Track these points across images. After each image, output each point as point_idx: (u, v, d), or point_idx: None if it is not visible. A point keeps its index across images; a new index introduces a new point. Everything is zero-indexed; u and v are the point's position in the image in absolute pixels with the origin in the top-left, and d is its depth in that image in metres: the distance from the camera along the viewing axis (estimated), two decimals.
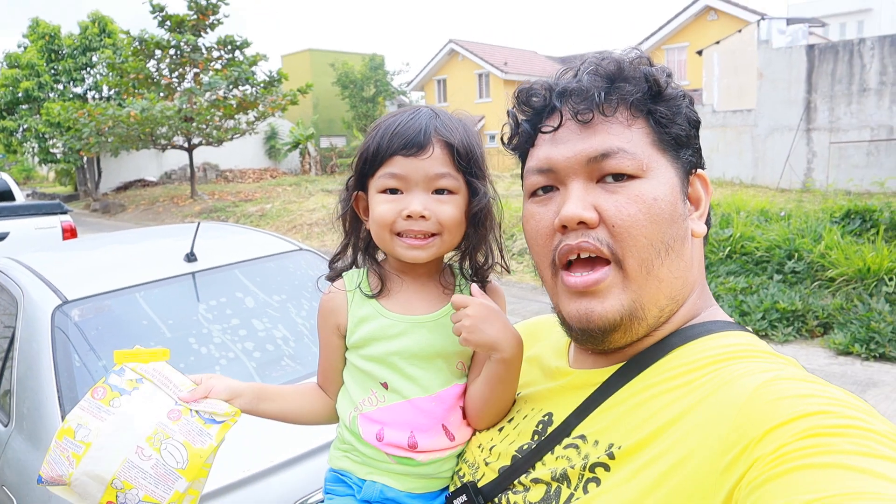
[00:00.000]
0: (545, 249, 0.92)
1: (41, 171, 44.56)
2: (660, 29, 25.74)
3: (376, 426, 1.08)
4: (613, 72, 0.89)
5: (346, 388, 1.14)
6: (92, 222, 20.51)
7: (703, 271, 0.96)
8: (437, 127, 1.06)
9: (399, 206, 1.04)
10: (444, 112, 1.11)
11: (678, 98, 0.90)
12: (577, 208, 0.85)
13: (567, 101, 0.90)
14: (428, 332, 1.08)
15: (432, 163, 1.04)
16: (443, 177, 1.04)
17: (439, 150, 1.05)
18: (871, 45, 13.83)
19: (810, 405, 0.66)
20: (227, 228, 3.65)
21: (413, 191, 1.05)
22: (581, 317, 0.88)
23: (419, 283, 1.13)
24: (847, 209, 8.32)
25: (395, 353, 1.08)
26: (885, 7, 35.15)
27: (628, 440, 0.79)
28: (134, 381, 1.02)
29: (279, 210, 17.34)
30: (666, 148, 0.89)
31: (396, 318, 1.09)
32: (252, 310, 2.63)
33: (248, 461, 1.79)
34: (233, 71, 21.59)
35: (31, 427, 2.10)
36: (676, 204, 0.88)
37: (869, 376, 5.30)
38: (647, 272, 0.85)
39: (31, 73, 27.08)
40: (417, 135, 1.04)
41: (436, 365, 1.09)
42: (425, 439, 1.07)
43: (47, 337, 2.21)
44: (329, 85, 35.44)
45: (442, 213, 1.05)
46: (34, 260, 2.77)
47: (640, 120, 0.88)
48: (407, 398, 1.08)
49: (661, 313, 0.88)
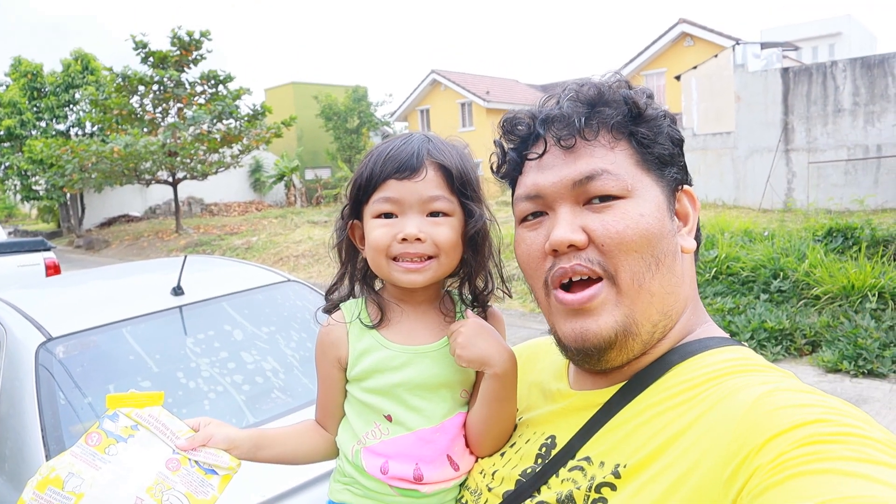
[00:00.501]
0: (538, 272, 0.93)
1: (23, 208, 44.14)
2: (638, 55, 26.23)
3: (380, 459, 1.06)
4: (593, 97, 0.92)
5: (348, 420, 1.12)
6: (76, 259, 20.30)
7: (694, 287, 0.97)
8: (430, 150, 1.07)
9: (394, 229, 1.04)
10: (437, 136, 1.12)
11: (659, 118, 0.92)
12: (566, 232, 0.87)
13: (550, 127, 0.92)
14: (431, 362, 1.07)
15: (426, 185, 1.04)
16: (437, 199, 1.04)
17: (432, 172, 1.05)
18: (844, 68, 14.17)
19: (808, 414, 0.67)
20: (213, 261, 3.62)
21: (407, 214, 1.04)
22: (577, 336, 0.88)
23: (420, 311, 1.12)
24: (829, 227, 8.43)
25: (398, 385, 1.06)
26: (854, 31, 36.11)
27: (633, 459, 0.79)
28: (129, 428, 0.97)
29: (265, 242, 17.27)
30: (650, 167, 0.91)
31: (399, 349, 1.08)
32: (240, 342, 2.60)
33: (246, 493, 1.75)
34: (216, 105, 21.66)
35: (12, 468, 2.04)
36: (664, 220, 0.89)
37: (859, 393, 5.32)
38: (638, 286, 0.86)
39: (13, 111, 26.98)
40: (410, 158, 1.05)
41: (440, 395, 1.07)
42: (430, 471, 1.05)
43: (31, 375, 2.17)
44: (313, 117, 35.61)
45: (437, 235, 1.04)
46: (17, 296, 2.73)
47: (622, 142, 0.91)
48: (412, 430, 1.06)
49: (655, 329, 0.89)
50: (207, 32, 21.90)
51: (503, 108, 31.76)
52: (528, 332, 7.82)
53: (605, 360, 0.90)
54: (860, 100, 13.93)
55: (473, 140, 31.94)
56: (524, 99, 33.58)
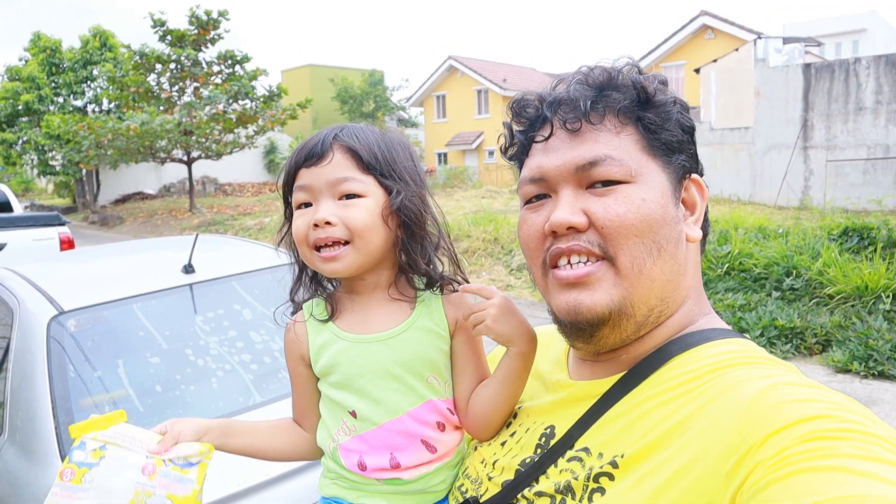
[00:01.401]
0: (537, 252, 0.94)
1: (40, 183, 44.60)
2: (657, 47, 25.95)
3: (355, 455, 1.07)
4: (602, 81, 0.91)
5: (323, 419, 1.13)
6: (90, 234, 20.49)
7: (699, 278, 0.97)
8: (338, 135, 1.07)
9: (308, 217, 1.04)
10: (357, 125, 1.12)
11: (668, 104, 0.92)
12: (566, 214, 0.87)
13: (557, 111, 0.93)
14: (390, 349, 1.06)
15: (333, 168, 1.04)
16: (345, 181, 1.04)
17: (339, 155, 1.05)
18: (867, 65, 13.95)
19: (811, 409, 0.67)
20: (224, 241, 3.64)
21: (319, 200, 1.04)
22: (570, 308, 0.88)
23: (373, 299, 1.10)
24: (845, 227, 8.33)
25: (358, 376, 1.06)
26: (879, 28, 35.51)
27: (631, 449, 0.79)
28: (98, 450, 0.97)
29: (277, 223, 17.28)
30: (656, 153, 0.90)
31: (354, 339, 1.07)
32: (249, 322, 2.61)
33: (237, 477, 1.77)
34: (233, 85, 21.71)
35: (24, 438, 2.07)
36: (667, 206, 0.89)
37: (868, 394, 5.28)
38: (639, 270, 0.86)
39: (31, 85, 27.18)
40: (316, 145, 1.06)
41: (404, 382, 1.06)
42: (406, 457, 1.05)
43: (42, 347, 2.19)
44: (328, 100, 35.62)
45: (349, 217, 1.03)
46: (30, 270, 2.76)
47: (629, 126, 0.90)
48: (378, 424, 1.06)
49: (651, 313, 0.89)
50: (225, 12, 21.91)
51: None
52: (537, 322, 7.78)
53: (597, 338, 0.89)
54: (883, 98, 13.72)
55: (488, 127, 31.58)
56: (540, 87, 33.21)
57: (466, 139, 32.92)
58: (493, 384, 1.06)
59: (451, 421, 1.10)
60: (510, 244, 11.29)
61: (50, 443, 1.93)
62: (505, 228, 11.89)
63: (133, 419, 2.11)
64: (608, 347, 0.92)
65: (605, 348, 0.92)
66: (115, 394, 2.20)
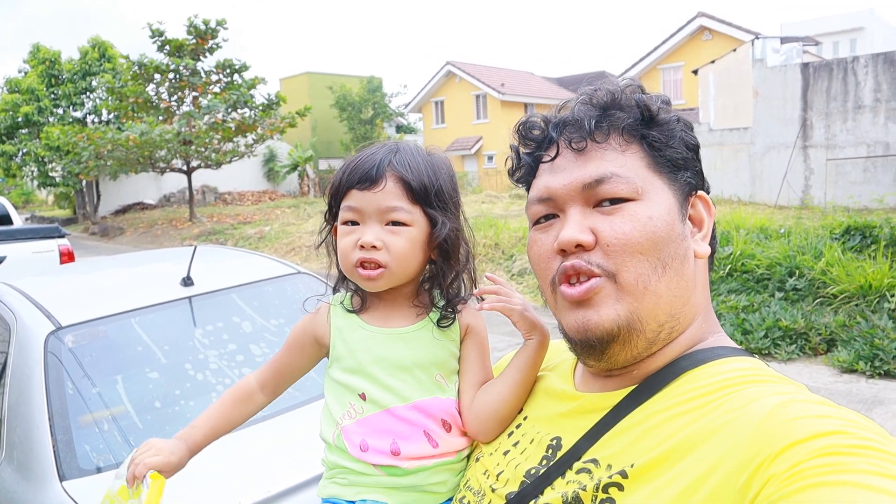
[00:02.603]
0: (546, 272, 0.95)
1: (40, 194, 44.68)
2: (655, 49, 26.00)
3: (358, 437, 1.10)
4: (606, 101, 0.94)
5: (327, 407, 1.17)
6: (90, 245, 20.50)
7: (707, 295, 0.97)
8: (392, 161, 1.12)
9: (355, 236, 1.11)
10: (408, 147, 1.17)
11: (671, 122, 0.94)
12: (574, 232, 0.88)
13: (563, 131, 0.95)
14: (405, 344, 1.13)
15: (384, 196, 1.10)
16: (394, 210, 1.10)
17: (392, 184, 1.10)
18: (865, 63, 13.95)
19: (826, 425, 0.67)
20: (224, 252, 3.62)
21: (367, 223, 1.11)
22: (579, 326, 0.89)
23: (396, 303, 1.18)
24: (847, 225, 8.31)
25: (373, 363, 1.12)
26: (877, 26, 35.55)
27: (641, 460, 0.79)
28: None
29: (278, 232, 17.33)
30: (661, 170, 0.92)
31: (375, 330, 1.15)
32: (249, 334, 2.59)
33: (239, 494, 1.74)
34: (231, 94, 21.75)
35: (21, 456, 2.05)
36: (674, 223, 0.90)
37: (874, 394, 5.24)
38: (643, 287, 0.87)
39: (31, 97, 27.26)
40: (371, 170, 1.10)
41: (414, 375, 1.12)
42: (408, 446, 1.09)
43: (40, 363, 2.17)
44: (327, 107, 35.68)
45: (393, 245, 1.10)
46: (28, 284, 2.74)
47: (634, 145, 0.92)
48: (385, 407, 1.11)
49: (661, 328, 0.89)
50: (223, 21, 21.98)
51: (518, 100, 31.66)
52: None
53: (609, 355, 0.90)
54: (881, 96, 13.72)
55: (487, 132, 31.67)
56: (539, 92, 33.42)
57: (465, 144, 32.95)
58: (503, 380, 1.11)
59: (457, 423, 1.13)
60: (511, 249, 11.28)
61: (47, 461, 1.90)
62: (505, 233, 11.88)
63: (132, 435, 2.09)
64: (620, 365, 0.92)
65: (616, 366, 0.92)
66: (113, 410, 2.17)
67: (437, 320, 1.16)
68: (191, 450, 1.18)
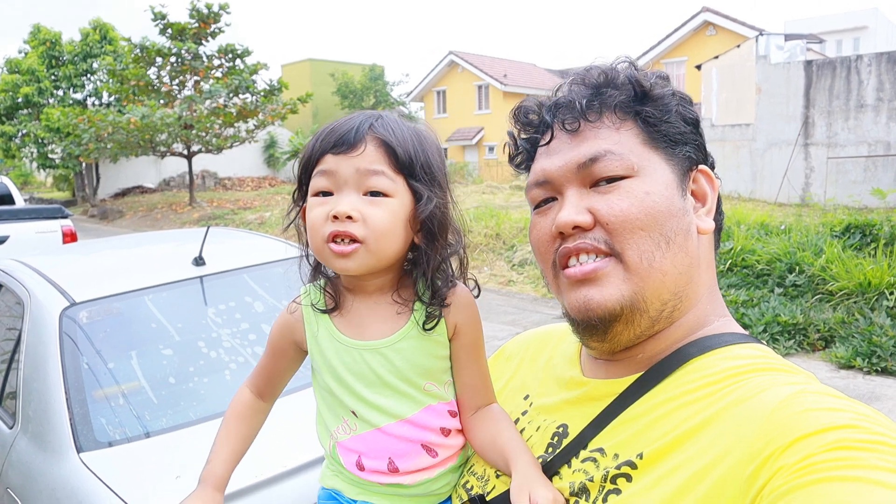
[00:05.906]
0: (547, 255, 0.94)
1: (39, 176, 44.46)
2: (659, 43, 25.91)
3: (354, 455, 1.04)
4: (599, 81, 0.92)
5: (320, 413, 1.09)
6: (90, 228, 20.45)
7: (713, 274, 0.95)
8: (374, 125, 0.99)
9: (328, 207, 0.96)
10: (392, 115, 1.04)
11: (666, 97, 0.92)
12: (571, 213, 0.87)
13: (556, 114, 0.93)
14: (382, 358, 1.01)
15: (363, 159, 0.96)
16: (375, 174, 0.96)
17: (373, 147, 0.97)
18: (868, 62, 13.94)
19: (838, 418, 0.66)
20: (232, 233, 3.63)
21: (343, 191, 0.97)
22: (581, 305, 0.87)
23: (372, 300, 1.05)
24: (847, 223, 8.34)
25: (355, 379, 1.02)
26: (880, 25, 35.48)
27: (649, 449, 0.78)
28: None
29: (278, 218, 17.31)
30: (658, 145, 0.90)
31: (349, 344, 1.02)
32: (261, 314, 2.61)
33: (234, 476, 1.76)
34: (233, 79, 21.65)
35: (36, 429, 2.07)
36: (673, 198, 0.88)
37: (871, 390, 5.29)
38: (648, 265, 0.85)
39: (31, 78, 27.09)
40: (349, 132, 0.97)
41: (399, 391, 1.02)
42: (405, 462, 1.02)
43: (55, 339, 2.19)
44: (329, 94, 35.55)
45: (372, 216, 0.96)
46: (40, 262, 2.75)
47: (628, 122, 0.90)
48: (377, 426, 1.02)
49: (665, 307, 0.88)
50: (226, 6, 21.83)
51: (520, 91, 31.56)
52: (540, 317, 7.83)
53: (611, 335, 0.88)
54: (884, 95, 13.71)
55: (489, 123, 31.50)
56: (542, 83, 33.30)
57: (467, 135, 32.88)
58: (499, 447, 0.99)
59: (456, 424, 1.06)
60: (512, 239, 11.29)
61: (64, 434, 1.93)
62: (506, 224, 11.89)
63: (147, 411, 2.11)
64: (623, 345, 0.90)
65: (619, 346, 0.91)
66: (128, 385, 2.20)
67: (422, 323, 1.02)
68: (218, 487, 1.09)
